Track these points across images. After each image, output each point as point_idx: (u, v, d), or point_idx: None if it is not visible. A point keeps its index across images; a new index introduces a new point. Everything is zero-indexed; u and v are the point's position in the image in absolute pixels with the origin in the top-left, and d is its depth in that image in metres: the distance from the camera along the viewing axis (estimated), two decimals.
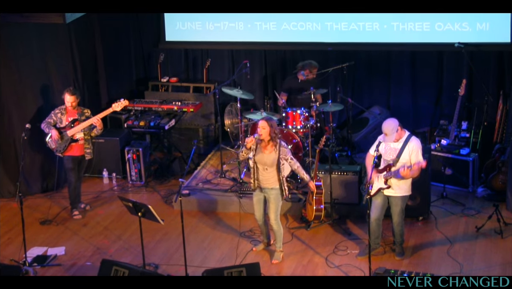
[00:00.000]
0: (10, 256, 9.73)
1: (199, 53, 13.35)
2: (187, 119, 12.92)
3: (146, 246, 9.33)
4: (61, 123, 10.47)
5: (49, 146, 10.52)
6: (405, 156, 8.94)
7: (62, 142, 10.42)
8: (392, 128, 8.90)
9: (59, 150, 10.46)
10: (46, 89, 11.34)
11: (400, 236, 9.32)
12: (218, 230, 10.21)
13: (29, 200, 11.26)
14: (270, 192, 9.23)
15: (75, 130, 10.41)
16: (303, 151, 11.17)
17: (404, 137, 8.99)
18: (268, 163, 9.11)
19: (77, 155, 10.57)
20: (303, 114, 11.26)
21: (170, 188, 11.62)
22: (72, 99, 10.39)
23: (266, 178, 9.19)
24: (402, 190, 9.06)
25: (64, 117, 10.47)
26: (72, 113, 10.48)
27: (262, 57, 13.05)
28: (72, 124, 10.43)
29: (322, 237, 9.99)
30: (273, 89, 13.04)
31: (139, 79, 13.65)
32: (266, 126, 9.02)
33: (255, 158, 9.19)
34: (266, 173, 9.17)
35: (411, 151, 8.93)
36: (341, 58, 12.07)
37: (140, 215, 8.82)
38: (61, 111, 10.49)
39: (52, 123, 10.44)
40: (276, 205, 9.27)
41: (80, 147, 10.53)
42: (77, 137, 10.47)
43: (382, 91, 12.63)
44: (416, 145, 8.95)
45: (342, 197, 10.41)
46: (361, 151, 11.95)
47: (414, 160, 8.89)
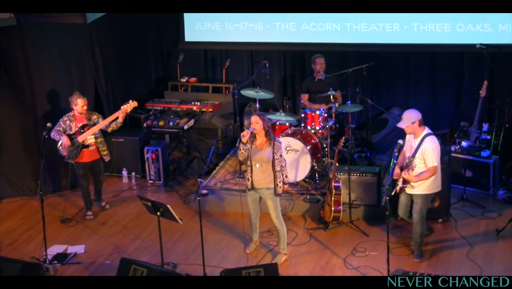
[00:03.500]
0: (30, 254, 9.83)
1: (218, 53, 13.39)
2: (206, 119, 12.96)
3: (165, 245, 9.37)
4: (71, 130, 10.41)
5: (61, 153, 10.47)
6: (418, 155, 8.92)
7: (73, 148, 10.37)
8: (409, 116, 8.91)
9: (70, 156, 10.41)
10: (67, 89, 11.42)
11: (419, 236, 9.27)
12: (236, 230, 10.23)
13: (50, 198, 11.36)
14: (266, 192, 9.24)
15: (85, 136, 10.38)
16: (321, 152, 11.17)
17: (421, 136, 8.96)
18: (263, 159, 9.12)
19: (87, 161, 10.53)
20: (322, 115, 11.26)
21: (188, 187, 11.66)
22: (84, 102, 10.37)
23: (262, 178, 9.19)
24: (420, 187, 9.03)
25: (73, 124, 10.42)
26: (80, 119, 10.44)
27: (281, 58, 13.06)
28: (81, 130, 10.40)
29: (340, 238, 9.98)
30: (292, 89, 13.08)
31: (158, 79, 13.71)
32: (259, 121, 9.07)
33: (251, 157, 9.20)
34: (262, 172, 9.17)
35: (422, 151, 8.89)
36: (360, 59, 12.05)
37: (159, 214, 8.86)
38: (69, 118, 10.45)
39: (62, 130, 10.39)
40: (275, 204, 9.26)
41: (91, 153, 10.49)
42: (88, 143, 10.44)
43: (402, 92, 12.60)
44: (429, 146, 8.86)
45: (361, 198, 10.41)
46: (380, 152, 11.93)
47: (427, 161, 8.88)
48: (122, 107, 10.41)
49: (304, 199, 10.72)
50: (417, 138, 8.97)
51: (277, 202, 9.30)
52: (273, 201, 9.25)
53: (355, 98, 11.69)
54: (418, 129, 8.94)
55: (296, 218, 10.54)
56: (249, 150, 9.19)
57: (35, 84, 11.26)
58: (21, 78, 11.21)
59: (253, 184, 9.28)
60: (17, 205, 11.38)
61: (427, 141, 8.89)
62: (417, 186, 9.02)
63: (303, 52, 12.83)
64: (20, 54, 11.09)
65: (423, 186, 9.03)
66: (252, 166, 9.24)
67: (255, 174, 9.23)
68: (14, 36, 10.96)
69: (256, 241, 9.76)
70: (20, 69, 11.16)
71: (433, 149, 8.86)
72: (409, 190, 9.07)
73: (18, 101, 11.29)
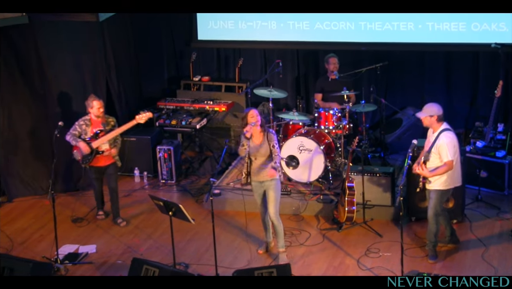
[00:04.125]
0: (42, 253, 9.82)
1: (231, 52, 13.36)
2: (219, 119, 12.93)
3: (177, 245, 9.34)
4: (86, 134, 10.26)
5: (75, 157, 10.35)
6: (434, 150, 8.90)
7: (87, 154, 10.26)
8: (429, 109, 8.93)
9: (84, 161, 10.30)
10: (80, 88, 11.43)
11: (433, 235, 9.19)
12: (249, 230, 10.19)
13: (61, 198, 11.36)
14: (270, 183, 9.22)
15: (100, 142, 10.24)
16: (335, 152, 11.13)
17: (438, 131, 8.92)
18: (262, 152, 9.13)
19: (101, 165, 10.41)
20: (335, 115, 11.22)
21: (201, 187, 11.64)
22: (100, 104, 10.23)
23: (264, 170, 9.19)
24: (436, 183, 8.99)
25: (89, 129, 10.27)
26: (96, 124, 10.29)
27: (294, 57, 13.02)
28: (96, 136, 10.27)
29: (354, 238, 9.94)
30: (305, 89, 13.03)
31: (171, 78, 13.70)
32: (257, 115, 9.11)
33: (250, 152, 9.19)
34: (263, 165, 9.18)
35: (437, 146, 8.86)
36: (374, 58, 12.00)
37: (171, 214, 8.84)
38: (86, 122, 10.28)
39: (77, 134, 10.27)
40: (277, 197, 9.25)
41: (105, 158, 10.37)
42: (102, 149, 10.29)
43: (416, 92, 12.53)
44: (443, 141, 8.82)
45: (375, 199, 10.35)
46: (394, 152, 11.89)
47: (442, 155, 8.83)
48: (137, 117, 10.27)
49: (317, 199, 10.68)
50: (434, 134, 8.97)
51: (279, 195, 9.28)
52: (275, 192, 9.23)
53: (369, 98, 11.65)
54: (435, 124, 8.93)
55: (309, 218, 10.50)
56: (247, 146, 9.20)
57: (48, 83, 11.28)
58: (34, 77, 11.24)
59: (251, 179, 9.28)
60: (29, 204, 11.39)
61: (442, 137, 8.87)
62: (433, 181, 8.98)
63: (316, 51, 12.78)
64: (33, 53, 11.12)
65: (438, 181, 8.98)
66: (252, 161, 9.24)
67: (256, 168, 9.23)
68: (27, 35, 10.99)
69: (270, 242, 9.71)
70: (33, 68, 11.19)
71: (448, 143, 8.83)
72: (427, 185, 9.03)
73: (31, 100, 11.31)
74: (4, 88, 11.12)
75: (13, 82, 11.14)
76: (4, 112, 11.21)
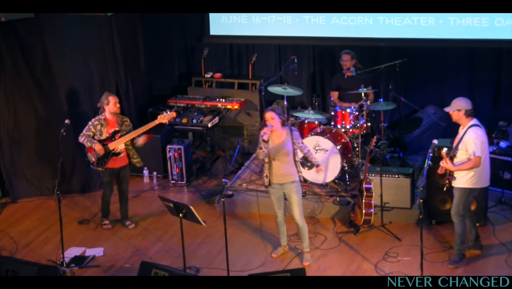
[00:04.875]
0: (47, 256, 9.85)
1: (245, 48, 13.36)
2: (231, 117, 12.93)
3: (187, 249, 9.35)
4: (101, 135, 10.19)
5: (89, 159, 10.28)
6: (461, 146, 8.90)
7: (103, 156, 10.20)
8: (457, 103, 8.92)
9: (99, 164, 10.23)
10: (87, 85, 11.45)
11: (458, 237, 9.16)
12: (263, 233, 10.19)
13: (68, 198, 11.39)
14: (291, 186, 9.23)
15: (117, 144, 10.19)
16: (352, 152, 11.11)
17: (467, 126, 8.92)
18: (283, 152, 9.12)
19: (116, 167, 10.35)
20: (352, 113, 11.20)
21: (212, 188, 11.65)
22: (116, 99, 10.19)
23: (285, 172, 9.20)
24: (461, 180, 8.97)
25: (104, 129, 10.19)
26: (112, 124, 10.23)
27: (310, 53, 13.02)
28: (113, 137, 10.21)
29: (372, 242, 9.93)
30: (321, 86, 13.02)
31: (182, 75, 13.72)
32: (274, 116, 9.09)
33: (270, 153, 9.19)
34: (284, 166, 9.18)
35: (464, 141, 8.86)
36: (393, 54, 11.98)
37: (181, 216, 8.84)
38: (101, 122, 10.18)
39: (91, 135, 10.19)
40: (299, 198, 9.28)
41: (121, 159, 10.33)
42: (118, 150, 10.25)
43: (437, 90, 12.51)
44: (470, 137, 8.81)
45: (393, 201, 10.33)
46: (413, 152, 11.87)
47: (468, 151, 8.82)
48: (159, 117, 10.22)
49: (333, 201, 10.67)
50: (463, 129, 8.97)
51: (300, 196, 9.32)
52: (297, 194, 9.26)
53: (387, 96, 11.62)
54: (464, 119, 8.93)
55: (325, 221, 10.50)
56: (266, 148, 9.18)
57: (54, 80, 11.29)
58: (40, 73, 11.26)
59: (271, 181, 9.27)
60: (34, 204, 11.44)
61: (470, 132, 8.87)
62: (459, 178, 8.97)
63: (333, 47, 12.76)
64: (40, 47, 11.13)
65: (464, 178, 8.96)
66: (272, 162, 9.23)
67: (276, 169, 9.22)
68: (33, 29, 11.01)
69: (285, 246, 9.72)
70: (40, 64, 11.21)
71: (475, 138, 8.82)
72: (453, 182, 9.01)
73: (37, 98, 11.34)
74: (9, 85, 11.16)
75: (19, 78, 11.18)
76: (9, 110, 11.26)
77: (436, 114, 11.98)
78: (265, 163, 9.32)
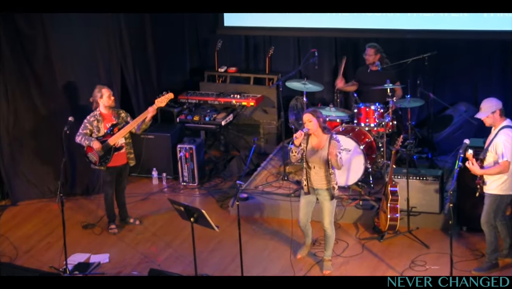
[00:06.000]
0: (49, 263, 9.89)
1: (261, 40, 13.37)
2: (247, 114, 12.95)
3: (199, 255, 9.34)
4: (99, 132, 10.25)
5: (90, 159, 10.34)
6: (491, 148, 8.88)
7: (104, 153, 10.26)
8: (488, 105, 8.90)
9: (102, 162, 10.28)
10: (92, 79, 11.45)
11: (490, 245, 9.13)
12: (279, 239, 10.20)
13: (71, 201, 11.45)
14: (325, 193, 9.25)
15: (117, 138, 10.24)
16: (376, 152, 11.10)
17: (498, 128, 8.90)
18: (318, 159, 9.12)
19: (118, 164, 10.41)
20: (377, 111, 11.19)
21: (226, 190, 11.68)
22: (110, 92, 10.25)
23: (320, 178, 9.21)
24: (491, 185, 8.94)
25: (101, 125, 10.26)
26: (109, 118, 10.30)
27: (332, 46, 13.00)
28: (111, 131, 10.28)
29: (397, 249, 9.91)
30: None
31: (193, 69, 13.74)
32: (312, 119, 9.07)
33: (306, 157, 9.20)
34: (319, 173, 9.19)
35: (495, 144, 8.84)
36: (422, 47, 11.96)
37: (193, 221, 8.85)
38: (97, 118, 10.25)
39: (88, 133, 10.25)
40: (332, 207, 9.31)
41: (122, 156, 10.39)
42: (119, 145, 10.31)
43: (468, 85, 12.47)
44: (501, 139, 8.79)
45: (421, 205, 10.31)
46: (443, 152, 11.82)
47: (498, 155, 8.79)
48: (156, 101, 10.31)
49: (356, 205, 10.66)
50: (495, 130, 8.95)
51: (334, 205, 9.35)
52: (331, 203, 9.29)
53: (415, 92, 11.58)
54: (498, 120, 8.93)
55: (347, 226, 10.50)
56: (303, 150, 9.18)
57: (56, 74, 11.33)
58: (41, 67, 11.29)
59: (309, 187, 9.30)
60: (36, 207, 11.49)
61: (501, 134, 8.85)
62: (490, 184, 8.94)
63: (357, 39, 12.74)
64: (41, 40, 11.16)
65: (494, 184, 8.93)
66: (309, 168, 9.24)
67: (312, 175, 9.25)
68: (34, 20, 11.03)
69: (309, 246, 9.79)
70: (41, 57, 11.24)
71: (505, 141, 8.79)
72: (484, 188, 9.00)
73: (38, 93, 11.38)
74: (9, 81, 11.20)
75: (20, 73, 11.22)
76: (9, 107, 11.30)
77: (468, 112, 11.93)
78: (303, 168, 9.35)
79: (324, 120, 9.17)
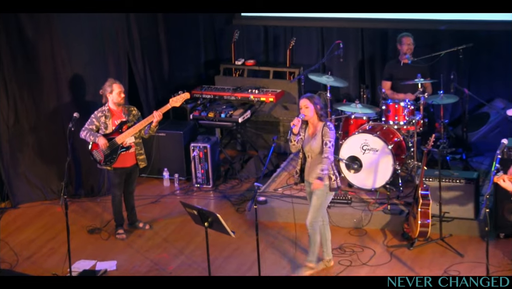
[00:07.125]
0: (52, 270, 9.91)
1: (282, 30, 13.38)
2: (266, 111, 12.95)
3: (213, 263, 9.36)
4: (106, 128, 10.27)
5: (95, 157, 10.36)
6: None
7: (110, 152, 10.28)
8: None
9: (108, 161, 10.30)
10: (98, 73, 11.49)
11: None
12: (300, 245, 10.17)
13: (76, 204, 11.49)
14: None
15: (125, 136, 10.25)
16: (406, 152, 11.08)
17: None
18: (313, 147, 9.17)
19: (127, 166, 10.42)
20: (407, 108, 11.17)
21: (243, 193, 11.69)
22: (121, 88, 10.25)
23: (314, 168, 9.20)
24: None
25: (109, 121, 10.28)
26: (118, 115, 10.31)
27: (358, 37, 13.01)
28: (120, 128, 10.28)
29: (428, 258, 9.89)
30: (371, 76, 12.98)
31: (208, 62, 13.76)
32: (309, 104, 9.12)
33: (303, 147, 9.28)
34: (315, 162, 9.19)
35: None
36: (456, 39, 11.96)
37: (207, 225, 8.84)
38: (105, 114, 10.27)
39: (95, 129, 10.26)
40: (319, 203, 9.28)
41: (131, 156, 10.40)
42: (127, 144, 10.31)
43: (506, 81, 12.43)
44: None
45: (454, 210, 10.28)
46: (479, 153, 11.83)
47: None
48: (171, 100, 10.31)
49: (384, 210, 10.64)
50: None
51: (323, 203, 9.32)
52: (318, 197, 9.26)
53: (448, 88, 11.58)
54: None
55: (373, 233, 10.49)
56: (302, 140, 9.25)
57: (60, 68, 11.37)
58: (43, 59, 11.33)
59: (301, 177, 9.36)
60: (38, 210, 11.54)
61: None
62: None
63: (385, 30, 12.73)
64: (44, 30, 11.19)
65: None
66: (304, 158, 9.32)
67: (307, 165, 9.31)
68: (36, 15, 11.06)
69: (328, 261, 9.68)
70: (44, 49, 11.28)
71: None
72: None
73: (40, 88, 11.43)
74: (8, 74, 11.23)
75: (21, 65, 11.26)
76: (9, 103, 11.33)
77: (506, 109, 11.88)
78: (298, 157, 9.41)
79: (321, 108, 9.19)
